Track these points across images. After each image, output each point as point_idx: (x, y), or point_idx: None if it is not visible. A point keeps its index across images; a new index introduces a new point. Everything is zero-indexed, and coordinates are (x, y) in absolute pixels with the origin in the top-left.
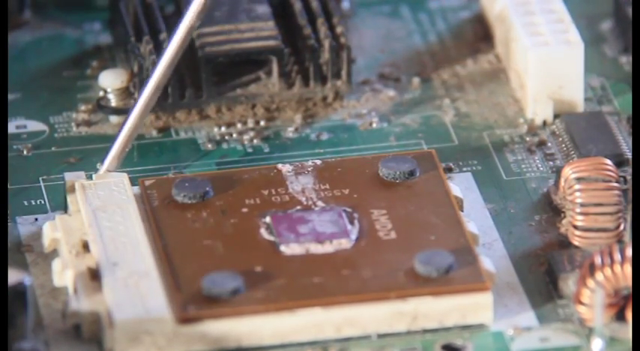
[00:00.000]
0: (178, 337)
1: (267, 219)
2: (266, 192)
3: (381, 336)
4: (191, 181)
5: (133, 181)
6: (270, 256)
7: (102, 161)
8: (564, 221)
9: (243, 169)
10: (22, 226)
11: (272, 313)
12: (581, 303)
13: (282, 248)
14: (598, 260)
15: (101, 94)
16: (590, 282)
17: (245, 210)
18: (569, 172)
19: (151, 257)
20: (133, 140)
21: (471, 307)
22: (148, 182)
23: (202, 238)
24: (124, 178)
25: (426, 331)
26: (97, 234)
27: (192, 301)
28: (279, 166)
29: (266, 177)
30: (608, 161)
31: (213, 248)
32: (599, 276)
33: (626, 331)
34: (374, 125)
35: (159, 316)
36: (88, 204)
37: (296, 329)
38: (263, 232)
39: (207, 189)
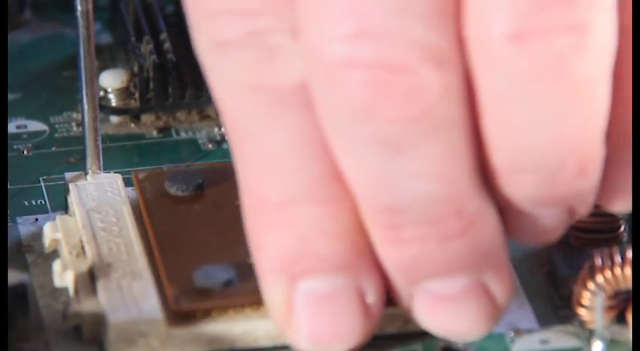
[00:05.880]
0: (172, 338)
1: None
2: None
3: (381, 337)
4: (184, 174)
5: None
6: None
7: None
8: None
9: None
10: (22, 227)
11: (266, 315)
12: (581, 305)
13: None
14: (598, 262)
15: (101, 94)
16: (591, 284)
17: (237, 202)
18: None
19: (144, 258)
20: (99, 136)
21: None
22: (141, 175)
23: (195, 231)
24: (118, 178)
25: (425, 332)
26: (90, 235)
27: (184, 295)
28: None
29: None
30: None
31: (205, 242)
32: (599, 278)
33: (627, 334)
34: None
35: (152, 317)
36: (82, 205)
37: None
38: None
39: (200, 181)
